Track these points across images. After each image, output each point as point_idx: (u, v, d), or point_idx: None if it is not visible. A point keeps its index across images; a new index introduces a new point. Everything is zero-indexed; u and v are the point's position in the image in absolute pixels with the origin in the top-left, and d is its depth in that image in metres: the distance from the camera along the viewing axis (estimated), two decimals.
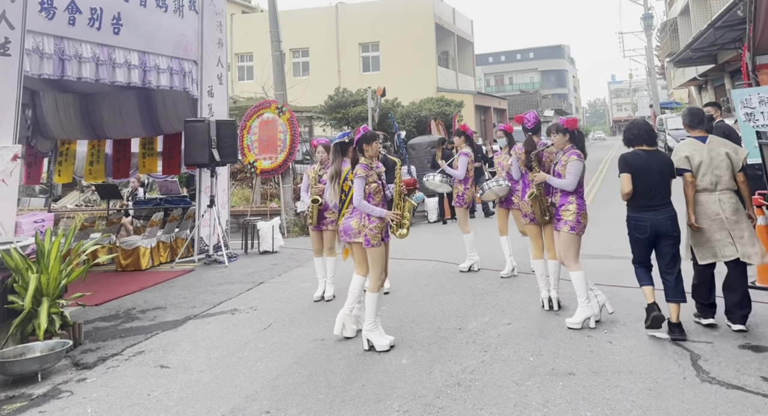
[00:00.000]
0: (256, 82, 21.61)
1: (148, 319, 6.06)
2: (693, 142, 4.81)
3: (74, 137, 11.67)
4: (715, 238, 4.62)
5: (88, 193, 16.42)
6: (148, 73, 8.30)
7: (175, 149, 10.96)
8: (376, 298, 4.69)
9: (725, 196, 4.62)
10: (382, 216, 4.73)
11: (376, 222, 4.72)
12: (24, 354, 4.56)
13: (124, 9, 7.85)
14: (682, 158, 4.75)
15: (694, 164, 4.71)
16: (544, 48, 77.71)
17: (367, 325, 4.70)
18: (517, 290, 6.25)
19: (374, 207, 4.74)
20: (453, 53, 34.49)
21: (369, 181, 4.77)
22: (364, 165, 4.82)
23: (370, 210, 4.71)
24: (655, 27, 38.54)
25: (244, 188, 16.02)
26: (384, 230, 4.79)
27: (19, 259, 4.96)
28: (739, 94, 6.61)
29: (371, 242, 4.70)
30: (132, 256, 8.69)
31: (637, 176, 4.65)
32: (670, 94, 47.90)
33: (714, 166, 4.66)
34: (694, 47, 16.91)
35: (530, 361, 4.24)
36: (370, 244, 4.70)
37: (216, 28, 9.96)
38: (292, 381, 4.16)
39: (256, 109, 11.80)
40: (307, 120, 20.04)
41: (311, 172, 6.53)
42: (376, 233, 4.71)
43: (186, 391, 4.11)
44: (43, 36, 6.68)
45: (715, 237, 4.62)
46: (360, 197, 4.70)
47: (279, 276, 7.86)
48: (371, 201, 4.77)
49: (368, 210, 4.71)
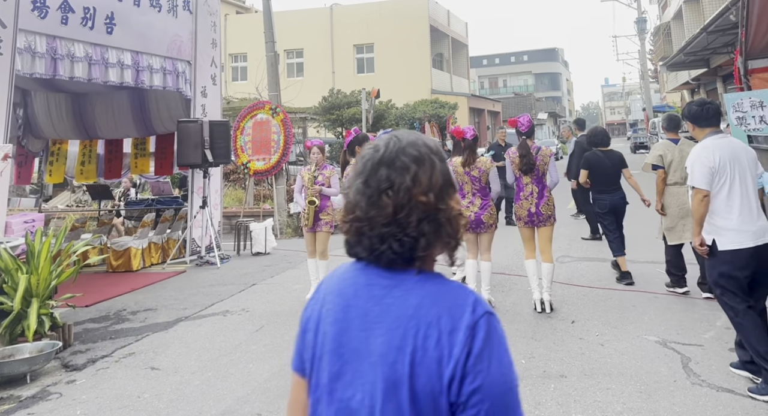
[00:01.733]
0: (250, 82, 21.56)
1: (138, 321, 6.02)
2: (667, 143, 5.85)
3: (66, 137, 11.60)
4: (681, 223, 5.57)
5: (80, 193, 16.30)
6: (141, 73, 8.26)
7: (168, 150, 10.91)
8: None
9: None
10: None
11: None
12: (13, 356, 4.52)
13: (118, 8, 7.81)
14: (657, 156, 5.76)
15: (666, 162, 5.70)
16: (538, 51, 78.01)
17: None
18: (510, 292, 6.25)
19: None
20: (447, 55, 34.56)
21: None
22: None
23: None
24: (648, 31, 38.77)
25: (237, 189, 15.97)
26: None
27: (8, 260, 4.92)
28: (731, 98, 6.65)
29: None
30: (123, 257, 8.64)
31: (595, 169, 6.53)
32: (663, 97, 48.20)
33: (684, 163, 5.21)
34: (687, 51, 17.02)
35: (522, 364, 4.24)
36: None
37: (210, 29, 9.93)
38: (283, 383, 4.14)
39: (250, 110, 11.77)
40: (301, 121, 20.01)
41: (305, 173, 6.50)
42: None
43: (176, 393, 4.08)
44: (35, 35, 6.63)
45: (680, 222, 5.57)
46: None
47: (271, 278, 7.83)
48: None
49: None
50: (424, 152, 1.11)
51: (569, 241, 8.81)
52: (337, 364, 1.04)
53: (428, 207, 1.05)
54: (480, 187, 5.62)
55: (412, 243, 1.04)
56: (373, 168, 1.10)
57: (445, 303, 1.01)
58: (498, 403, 0.93)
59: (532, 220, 5.55)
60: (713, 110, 3.89)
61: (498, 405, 0.93)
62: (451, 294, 1.02)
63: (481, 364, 0.94)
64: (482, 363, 0.94)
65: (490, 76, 74.82)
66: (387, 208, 1.06)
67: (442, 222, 1.06)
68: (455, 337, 0.96)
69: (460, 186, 5.77)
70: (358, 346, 1.02)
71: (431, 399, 0.94)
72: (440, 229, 1.06)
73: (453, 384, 0.94)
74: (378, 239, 1.07)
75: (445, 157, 1.19)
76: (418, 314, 1.00)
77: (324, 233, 6.36)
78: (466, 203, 5.63)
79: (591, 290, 6.12)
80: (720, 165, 3.63)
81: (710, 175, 3.63)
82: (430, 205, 1.06)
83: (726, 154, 3.67)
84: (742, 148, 3.78)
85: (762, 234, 3.58)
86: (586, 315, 5.28)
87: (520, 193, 5.63)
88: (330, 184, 6.44)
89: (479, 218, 5.54)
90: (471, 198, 5.62)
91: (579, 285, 6.35)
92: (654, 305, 5.49)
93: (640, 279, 6.36)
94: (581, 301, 5.74)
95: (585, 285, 6.31)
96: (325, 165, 6.54)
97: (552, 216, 5.55)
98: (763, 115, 6.25)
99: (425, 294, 1.03)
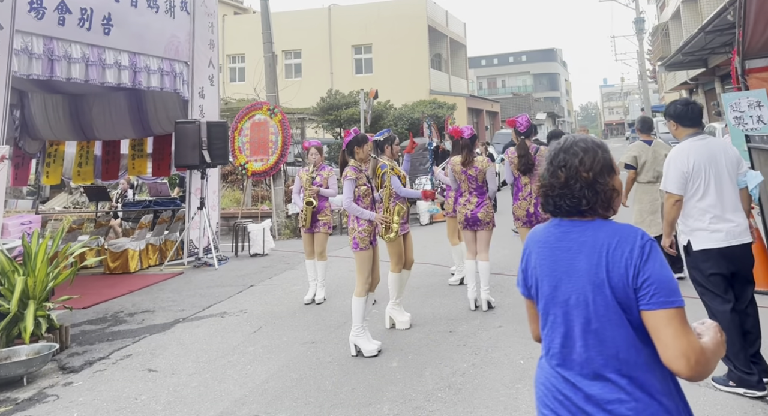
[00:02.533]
0: (248, 83, 21.53)
1: (136, 322, 6.00)
2: (641, 145, 6.27)
3: (63, 138, 11.57)
4: (650, 219, 6.05)
5: (77, 194, 16.28)
6: (138, 74, 8.24)
7: (165, 151, 10.89)
8: (362, 303, 4.66)
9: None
10: (371, 219, 4.73)
11: (365, 226, 4.72)
12: (9, 358, 4.50)
13: (115, 9, 7.80)
14: (632, 157, 6.18)
15: (640, 162, 6.14)
16: (537, 51, 78.04)
17: (354, 330, 4.66)
18: (509, 293, 6.24)
19: (363, 210, 4.74)
20: (446, 56, 34.56)
21: (359, 183, 4.77)
22: (354, 167, 4.81)
23: (360, 213, 4.72)
24: (646, 31, 38.80)
25: (235, 190, 15.96)
26: (373, 234, 4.78)
27: (5, 261, 4.91)
28: (729, 97, 6.64)
29: (359, 245, 4.69)
30: (120, 259, 8.61)
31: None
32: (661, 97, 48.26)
33: (656, 163, 6.01)
34: (685, 51, 17.03)
35: (521, 364, 4.23)
36: (358, 247, 4.70)
37: (207, 29, 9.92)
38: (281, 384, 4.13)
39: (248, 111, 11.75)
40: (299, 122, 20.00)
41: (303, 174, 6.50)
42: (364, 236, 4.70)
43: (174, 395, 4.06)
44: (32, 36, 6.62)
45: (649, 218, 6.05)
46: (350, 199, 4.71)
47: (269, 279, 7.82)
48: (360, 204, 4.77)
49: (357, 213, 4.71)
50: (591, 146, 1.69)
51: None
52: (553, 282, 1.67)
53: (588, 181, 1.64)
54: (477, 186, 5.63)
55: (576, 203, 1.65)
56: (556, 153, 1.71)
57: (622, 234, 1.59)
58: (661, 285, 1.51)
59: (530, 220, 5.55)
60: (697, 111, 3.88)
61: (661, 286, 1.50)
62: (624, 229, 1.61)
63: (648, 265, 1.53)
64: (648, 264, 1.53)
65: (489, 76, 74.84)
66: (561, 179, 1.67)
67: (598, 191, 1.64)
68: (632, 253, 1.55)
69: (458, 184, 5.77)
70: (567, 268, 1.64)
71: (622, 288, 1.55)
72: (596, 196, 1.64)
73: (633, 278, 1.53)
74: (558, 198, 1.68)
75: (608, 149, 1.71)
76: (606, 242, 1.59)
77: (322, 234, 6.36)
78: (462, 201, 5.67)
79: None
80: (694, 169, 3.63)
81: (683, 180, 3.65)
82: (589, 179, 1.64)
83: (702, 157, 3.65)
84: (721, 150, 3.74)
85: (737, 235, 3.59)
86: None
87: (519, 193, 5.64)
88: (328, 185, 6.44)
89: (475, 216, 5.57)
90: (468, 196, 5.65)
91: None
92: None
93: None
94: None
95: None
96: (323, 166, 6.55)
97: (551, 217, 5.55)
98: (761, 114, 6.24)
99: (607, 230, 1.62)
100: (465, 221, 5.64)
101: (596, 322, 1.58)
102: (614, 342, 1.56)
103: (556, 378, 1.66)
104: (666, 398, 1.54)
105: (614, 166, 1.69)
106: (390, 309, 5.35)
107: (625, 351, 1.55)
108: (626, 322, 1.55)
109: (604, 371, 1.56)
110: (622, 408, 1.53)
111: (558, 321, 1.66)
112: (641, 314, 1.53)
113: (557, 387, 1.65)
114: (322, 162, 6.54)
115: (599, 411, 1.55)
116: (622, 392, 1.54)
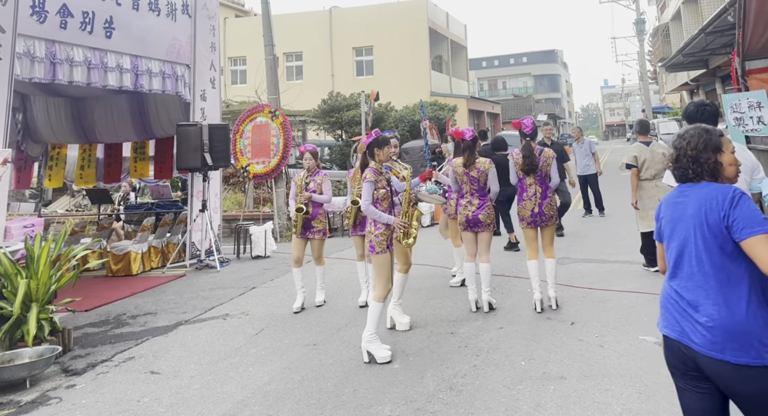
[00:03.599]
0: (249, 86, 21.58)
1: (138, 325, 6.02)
2: (640, 146, 6.78)
3: (65, 141, 11.61)
4: (652, 214, 6.10)
5: (79, 197, 16.32)
6: (140, 77, 8.28)
7: (167, 153, 10.92)
8: (380, 308, 4.57)
9: (660, 183, 6.21)
10: (389, 222, 4.66)
11: (382, 229, 4.64)
12: (12, 361, 4.52)
13: (117, 12, 7.83)
14: (632, 157, 6.67)
15: (640, 162, 6.62)
16: (538, 52, 78.09)
17: (367, 335, 4.55)
18: (509, 294, 6.25)
19: (381, 213, 4.65)
20: (446, 57, 34.59)
21: (378, 186, 4.68)
22: (374, 169, 4.73)
23: (378, 217, 4.64)
24: (647, 32, 38.83)
25: (236, 192, 15.99)
26: (390, 238, 4.71)
27: (8, 264, 4.92)
28: (729, 98, 6.65)
29: (376, 249, 4.60)
30: (123, 261, 8.64)
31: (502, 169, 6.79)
32: (662, 98, 48.26)
33: (655, 162, 6.59)
34: (686, 52, 17.04)
35: (522, 365, 4.24)
36: (374, 251, 4.61)
37: (209, 32, 9.95)
38: (283, 386, 4.15)
39: (249, 113, 11.77)
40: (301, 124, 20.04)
41: (298, 179, 6.38)
42: (381, 240, 4.62)
43: (176, 397, 4.08)
44: (34, 39, 6.65)
45: (651, 213, 6.19)
46: (368, 202, 4.62)
47: (271, 281, 7.83)
48: (379, 207, 4.68)
49: (375, 216, 4.64)
50: (699, 132, 2.30)
51: (568, 243, 8.81)
52: (672, 224, 2.32)
53: (692, 156, 2.27)
54: (478, 187, 5.64)
55: (684, 172, 2.29)
56: (676, 138, 2.36)
57: (719, 190, 2.17)
58: (747, 221, 2.06)
59: (535, 221, 5.57)
60: (709, 112, 3.91)
61: (747, 221, 2.06)
62: (721, 187, 2.19)
63: (736, 208, 2.09)
64: (737, 208, 2.09)
65: (490, 77, 74.92)
66: (674, 156, 2.34)
67: (701, 163, 2.25)
68: (724, 202, 2.12)
69: (459, 186, 5.77)
70: (680, 216, 2.28)
71: (717, 226, 2.13)
72: (700, 167, 2.25)
73: (724, 219, 2.11)
74: (675, 170, 2.33)
75: (716, 133, 2.30)
76: (707, 196, 2.19)
77: (317, 240, 6.27)
78: (464, 203, 5.66)
79: (590, 291, 6.13)
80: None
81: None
82: (693, 155, 2.27)
83: None
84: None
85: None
86: (586, 317, 5.28)
87: (524, 193, 5.66)
88: (322, 191, 6.27)
89: (476, 217, 5.57)
90: (469, 197, 5.65)
91: (578, 286, 6.35)
92: (653, 306, 5.48)
93: (639, 280, 6.37)
94: (580, 303, 5.74)
95: (584, 287, 6.31)
96: (318, 171, 6.38)
97: (554, 216, 5.64)
98: (761, 115, 6.25)
99: (709, 189, 2.21)
100: (466, 222, 5.65)
101: (697, 250, 2.19)
102: (709, 263, 2.16)
103: (670, 289, 2.31)
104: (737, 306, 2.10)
105: (720, 145, 2.26)
106: (391, 309, 5.36)
107: (715, 271, 2.14)
108: (719, 250, 2.13)
109: (700, 284, 2.18)
110: (709, 309, 2.13)
111: (674, 251, 2.30)
112: (740, 245, 2.08)
113: (670, 294, 2.30)
114: (316, 167, 6.43)
115: (694, 312, 2.18)
116: (709, 299, 2.14)
